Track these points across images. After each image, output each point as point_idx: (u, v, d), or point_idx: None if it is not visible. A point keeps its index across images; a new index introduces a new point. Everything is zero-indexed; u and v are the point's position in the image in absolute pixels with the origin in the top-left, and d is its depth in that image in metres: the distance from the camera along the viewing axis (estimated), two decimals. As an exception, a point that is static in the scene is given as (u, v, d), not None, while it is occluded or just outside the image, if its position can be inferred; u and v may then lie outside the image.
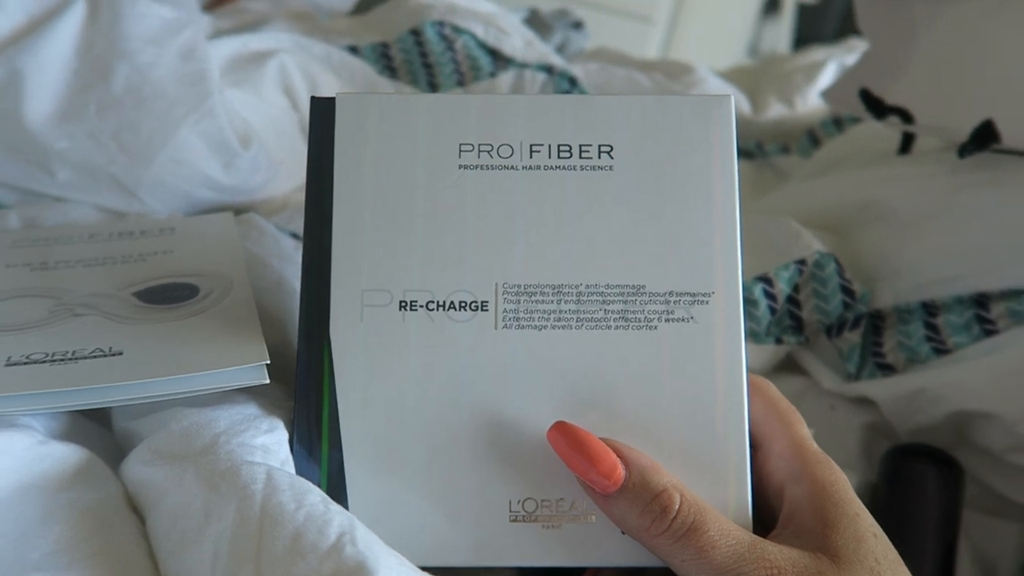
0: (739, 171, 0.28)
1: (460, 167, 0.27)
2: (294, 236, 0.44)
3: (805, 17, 1.62)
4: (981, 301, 0.41)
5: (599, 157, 0.27)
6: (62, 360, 0.25)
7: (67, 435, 0.28)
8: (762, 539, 0.24)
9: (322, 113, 0.27)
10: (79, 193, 0.42)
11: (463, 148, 0.27)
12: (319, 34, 0.56)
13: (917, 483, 0.39)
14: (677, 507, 0.24)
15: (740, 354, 0.27)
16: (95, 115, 0.40)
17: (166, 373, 0.25)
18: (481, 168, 0.27)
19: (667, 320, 0.27)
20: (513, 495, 0.26)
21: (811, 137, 0.70)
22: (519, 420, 0.26)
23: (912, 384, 0.41)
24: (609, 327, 0.27)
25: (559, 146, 0.27)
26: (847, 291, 0.44)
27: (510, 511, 0.26)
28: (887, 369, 0.43)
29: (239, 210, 0.44)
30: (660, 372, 0.26)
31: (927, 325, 0.43)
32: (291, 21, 0.61)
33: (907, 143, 0.53)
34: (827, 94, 0.56)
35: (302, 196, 0.50)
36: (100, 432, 0.29)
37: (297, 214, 0.48)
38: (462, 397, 0.26)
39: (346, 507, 0.25)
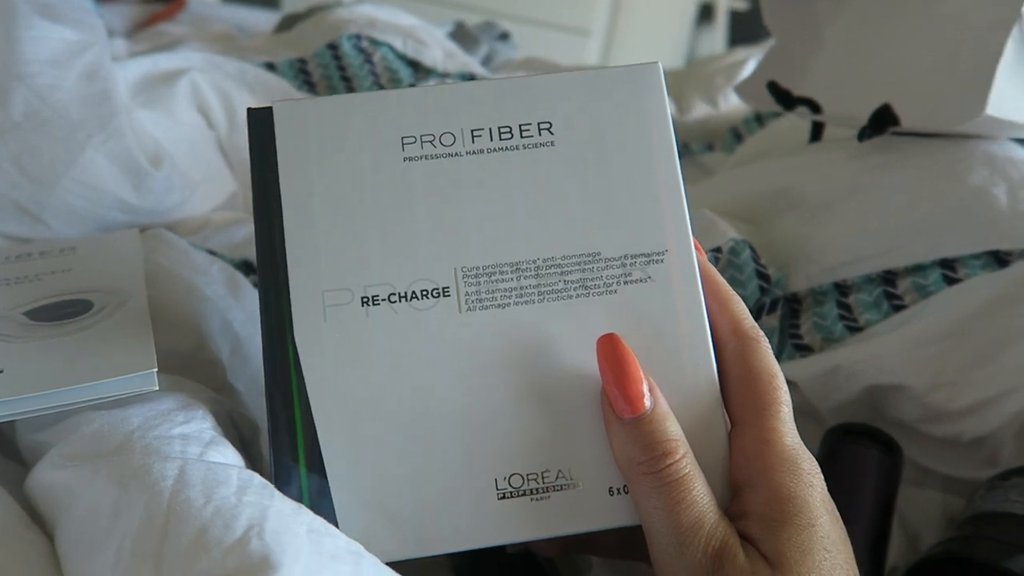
0: (675, 132, 0.28)
1: (405, 160, 0.27)
2: (210, 252, 0.44)
3: (738, 23, 1.67)
4: (888, 278, 0.43)
5: (539, 134, 0.28)
6: (-64, 380, 0.24)
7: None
8: (725, 520, 0.24)
9: (260, 124, 0.27)
10: (-19, 221, 0.41)
11: (406, 141, 0.27)
12: (235, 52, 0.56)
13: (857, 465, 0.40)
14: (678, 457, 0.24)
15: (700, 308, 0.27)
16: (-6, 140, 0.39)
17: (48, 387, 0.24)
18: (426, 158, 0.27)
19: (625, 283, 0.27)
20: (498, 473, 0.26)
21: (735, 134, 0.72)
22: (493, 398, 0.26)
23: (828, 363, 0.42)
24: (571, 296, 0.27)
25: (500, 128, 0.28)
26: (762, 276, 0.45)
27: (497, 489, 0.26)
28: (805, 350, 0.44)
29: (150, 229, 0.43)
30: (624, 335, 0.26)
31: (840, 305, 0.44)
32: (209, 42, 0.61)
33: (817, 132, 0.55)
34: (739, 89, 0.58)
35: (221, 216, 0.50)
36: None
37: (216, 233, 0.47)
38: (435, 384, 0.26)
39: (333, 511, 0.25)
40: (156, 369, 0.26)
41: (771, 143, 0.62)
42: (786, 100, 0.53)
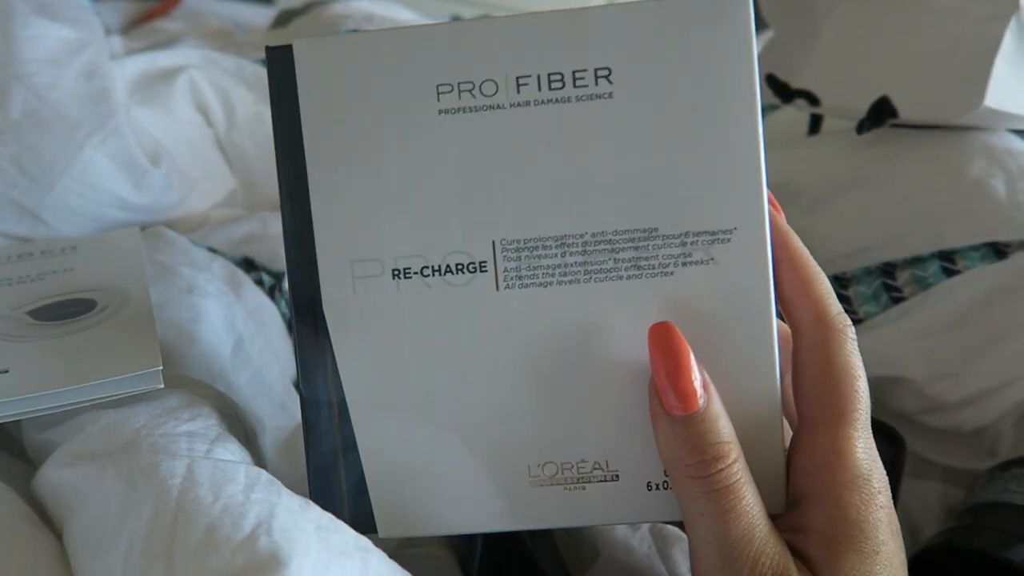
0: (760, 84, 0.24)
1: (440, 112, 0.24)
2: (210, 250, 0.44)
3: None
4: (887, 270, 0.43)
5: (596, 84, 0.24)
6: (-58, 380, 0.24)
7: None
8: (775, 535, 0.23)
9: (280, 65, 0.24)
10: (-20, 221, 0.41)
11: (441, 90, 0.24)
12: (232, 49, 0.56)
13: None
14: (730, 461, 0.22)
15: (768, 298, 0.24)
16: (-7, 140, 0.39)
17: (53, 386, 0.24)
18: (463, 111, 0.24)
19: (684, 264, 0.24)
20: (532, 460, 0.25)
21: (733, 127, 0.72)
22: (529, 383, 0.25)
23: (828, 355, 0.42)
24: (621, 277, 0.24)
25: (549, 75, 0.24)
26: (762, 270, 0.45)
27: (530, 476, 0.25)
28: (805, 343, 0.44)
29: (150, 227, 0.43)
30: (678, 323, 0.23)
31: (840, 297, 0.44)
32: (205, 39, 0.61)
33: (815, 124, 0.55)
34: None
35: (220, 213, 0.50)
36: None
37: (215, 230, 0.47)
38: (468, 365, 0.24)
39: (366, 489, 0.25)
40: (161, 367, 0.26)
41: (769, 136, 0.62)
42: (784, 93, 0.53)
